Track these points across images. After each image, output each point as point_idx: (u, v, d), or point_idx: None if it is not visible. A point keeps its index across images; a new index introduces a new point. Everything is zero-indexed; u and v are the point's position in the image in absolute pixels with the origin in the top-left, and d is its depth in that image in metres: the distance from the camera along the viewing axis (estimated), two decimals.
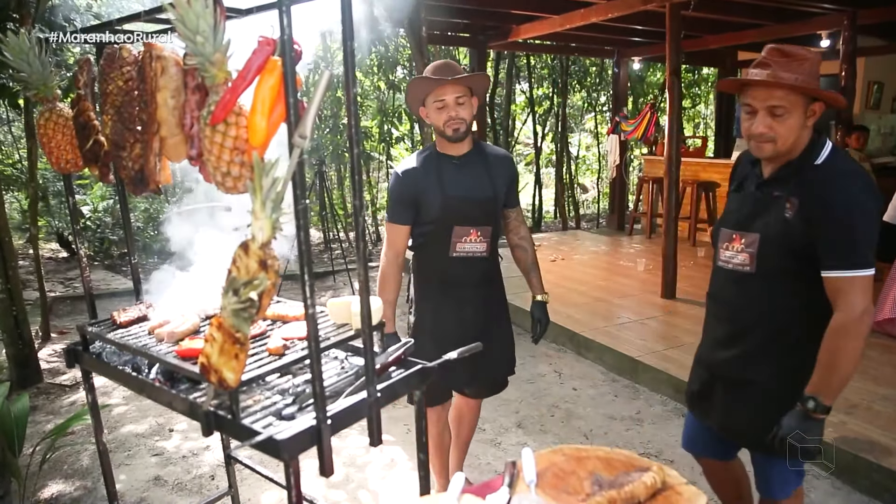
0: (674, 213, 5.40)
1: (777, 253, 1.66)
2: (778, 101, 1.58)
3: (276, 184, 1.18)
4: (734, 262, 1.77)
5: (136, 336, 1.75)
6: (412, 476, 2.89)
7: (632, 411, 3.67)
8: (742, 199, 1.80)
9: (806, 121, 1.62)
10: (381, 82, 10.13)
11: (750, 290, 1.74)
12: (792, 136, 1.61)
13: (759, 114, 1.62)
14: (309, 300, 1.21)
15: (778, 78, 1.57)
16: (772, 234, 1.66)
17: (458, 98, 2.18)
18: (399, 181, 2.27)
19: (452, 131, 2.19)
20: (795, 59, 1.58)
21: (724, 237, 1.82)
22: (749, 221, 1.73)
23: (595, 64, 12.04)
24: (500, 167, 2.34)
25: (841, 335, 1.56)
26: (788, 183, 1.65)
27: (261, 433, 1.31)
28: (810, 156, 1.64)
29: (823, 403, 1.57)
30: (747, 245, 1.72)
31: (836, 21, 5.84)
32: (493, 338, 2.35)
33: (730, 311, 1.82)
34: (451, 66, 2.23)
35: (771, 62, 1.60)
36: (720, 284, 1.86)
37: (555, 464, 1.37)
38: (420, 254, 2.37)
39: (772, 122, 1.60)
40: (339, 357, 1.80)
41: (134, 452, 3.24)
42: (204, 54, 1.25)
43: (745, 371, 1.78)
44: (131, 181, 1.65)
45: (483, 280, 2.35)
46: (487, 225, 2.28)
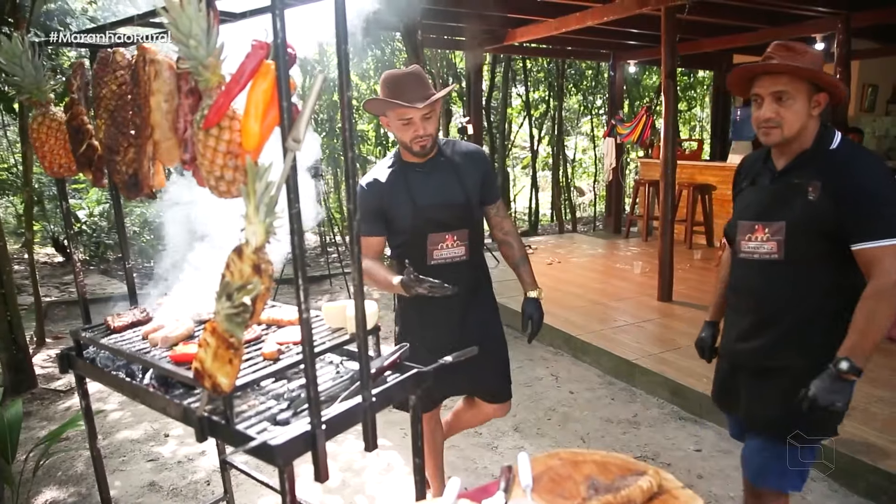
0: (670, 216, 5.40)
1: (805, 237, 1.71)
2: (783, 87, 1.67)
3: (269, 188, 1.17)
4: (760, 252, 1.80)
5: (130, 341, 1.75)
6: (409, 481, 2.88)
7: (629, 414, 3.67)
8: (759, 193, 1.84)
9: (811, 110, 1.70)
10: (377, 86, 10.14)
11: (778, 278, 1.77)
12: (797, 123, 1.69)
13: (765, 101, 1.71)
14: (303, 304, 1.20)
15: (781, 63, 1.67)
16: (798, 220, 1.70)
17: (426, 114, 2.07)
18: (364, 194, 2.19)
19: (420, 147, 2.10)
20: (797, 52, 1.69)
21: (744, 230, 1.84)
22: (771, 211, 1.77)
23: (591, 67, 12.07)
24: (470, 166, 2.24)
25: (877, 299, 1.61)
26: (806, 169, 1.71)
27: (255, 439, 1.31)
28: (823, 143, 1.73)
29: (857, 365, 1.60)
30: (773, 234, 1.76)
31: (831, 24, 5.87)
32: (489, 339, 2.29)
33: (756, 301, 1.84)
34: (417, 77, 2.08)
35: (775, 55, 1.70)
36: (743, 276, 1.88)
37: (551, 468, 1.37)
38: (399, 265, 2.27)
39: (778, 108, 1.69)
40: (334, 361, 1.79)
41: (129, 458, 3.22)
42: (197, 58, 1.25)
43: (773, 359, 1.81)
44: (125, 185, 1.64)
45: (468, 284, 2.25)
46: (463, 228, 2.20)
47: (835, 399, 1.61)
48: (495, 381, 2.38)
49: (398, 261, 2.28)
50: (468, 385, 2.37)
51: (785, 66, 1.67)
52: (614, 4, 5.52)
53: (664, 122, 5.36)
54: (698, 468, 3.05)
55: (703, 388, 3.62)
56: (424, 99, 2.03)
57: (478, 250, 2.30)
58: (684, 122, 14.25)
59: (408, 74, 2.09)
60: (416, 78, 2.08)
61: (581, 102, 13.14)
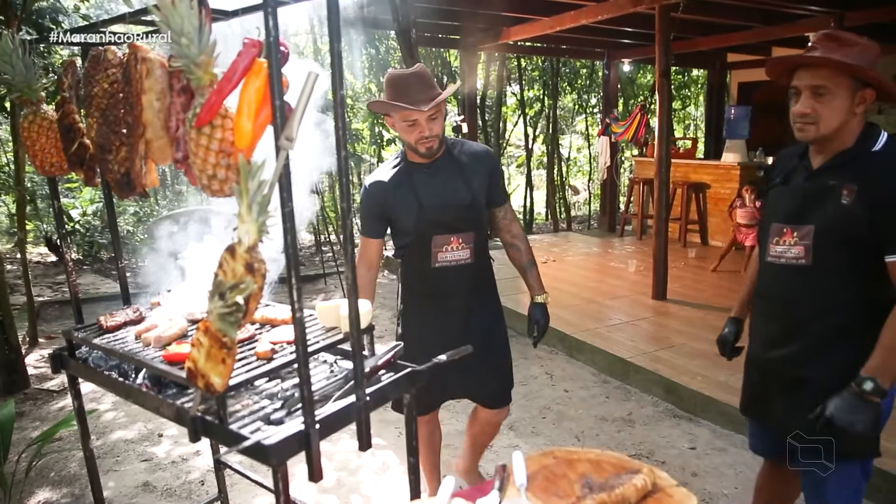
0: (664, 215, 5.41)
1: (834, 243, 1.61)
2: (822, 81, 1.55)
3: (262, 187, 1.17)
4: (787, 257, 1.70)
5: (123, 341, 1.74)
6: (404, 480, 2.88)
7: (623, 412, 3.68)
8: (791, 192, 1.74)
9: (854, 107, 1.58)
10: (371, 84, 10.12)
11: (806, 284, 1.67)
12: (835, 120, 1.58)
13: (802, 94, 1.59)
14: (296, 304, 1.20)
15: (822, 56, 1.54)
16: (828, 224, 1.61)
17: (432, 115, 2.02)
18: (367, 194, 2.19)
19: (426, 149, 2.07)
20: (845, 43, 1.55)
21: (773, 232, 1.75)
22: (801, 213, 1.67)
23: (585, 66, 12.08)
24: (477, 166, 2.19)
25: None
26: (844, 171, 1.60)
27: (248, 438, 1.30)
28: (866, 143, 1.61)
29: (882, 386, 1.50)
30: (801, 238, 1.66)
31: (824, 23, 5.88)
32: (490, 343, 2.26)
33: (783, 308, 1.74)
34: (422, 78, 2.05)
35: (819, 46, 1.58)
36: (771, 281, 1.79)
37: (545, 467, 1.37)
38: (404, 265, 2.29)
39: (814, 104, 1.57)
40: (328, 361, 1.79)
41: (123, 458, 3.21)
42: (189, 56, 1.24)
43: (802, 368, 1.71)
44: (117, 184, 1.63)
45: (472, 288, 2.22)
46: (469, 231, 2.16)
47: (854, 421, 1.50)
48: (494, 386, 2.33)
49: (402, 262, 2.27)
50: (467, 389, 2.33)
51: (824, 60, 1.54)
52: (608, 3, 5.53)
53: (658, 120, 5.37)
54: (693, 466, 3.06)
55: (698, 385, 3.63)
56: (429, 100, 2.00)
57: (483, 253, 2.26)
58: (678, 120, 14.29)
59: (412, 75, 2.05)
60: (420, 78, 2.04)
61: (576, 101, 13.15)
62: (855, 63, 1.53)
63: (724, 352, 2.06)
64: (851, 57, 1.53)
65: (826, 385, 1.63)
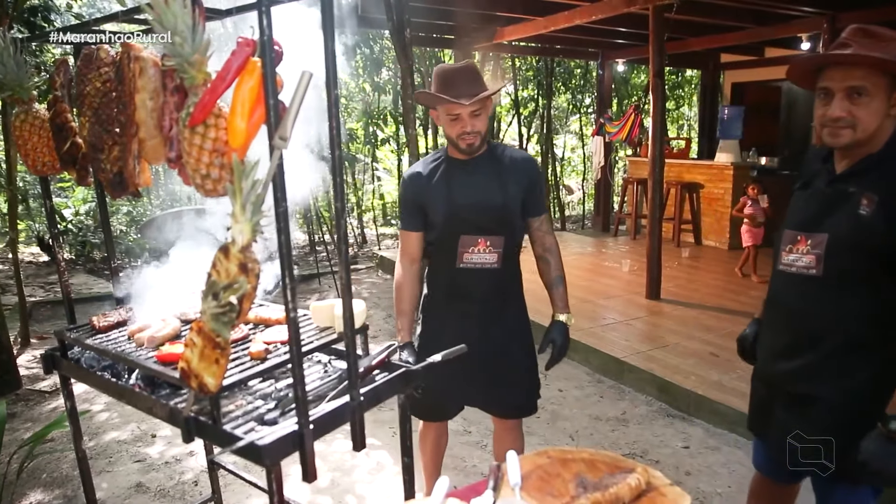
0: (658, 214, 5.43)
1: (848, 254, 1.50)
2: (859, 82, 1.43)
3: (255, 186, 1.17)
4: (798, 266, 1.60)
5: (116, 341, 1.73)
6: (398, 480, 2.88)
7: (617, 412, 3.68)
8: (809, 198, 1.64)
9: (890, 108, 1.46)
10: (366, 84, 10.11)
11: (816, 296, 1.57)
12: (874, 123, 1.46)
13: (836, 97, 1.46)
14: (290, 304, 1.19)
15: (860, 54, 1.43)
16: (843, 234, 1.51)
17: (475, 111, 2.00)
18: (404, 186, 2.19)
19: (466, 145, 2.04)
20: (881, 39, 1.43)
21: (787, 239, 1.65)
22: (816, 221, 1.57)
23: (580, 66, 12.10)
24: (517, 172, 2.12)
25: None
26: (866, 178, 1.50)
27: (242, 439, 1.30)
28: (894, 149, 1.50)
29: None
30: (813, 246, 1.56)
31: (816, 24, 5.91)
32: (509, 354, 2.19)
33: (792, 319, 1.65)
34: (469, 73, 2.02)
35: (852, 42, 1.45)
36: (781, 290, 1.69)
37: (540, 466, 1.37)
38: (431, 263, 2.25)
39: (850, 106, 1.45)
40: (322, 360, 1.78)
41: (116, 459, 3.20)
42: (182, 55, 1.24)
43: (809, 385, 1.60)
44: (110, 184, 1.63)
45: (495, 294, 2.15)
46: (498, 235, 2.09)
47: (888, 464, 1.38)
48: (507, 398, 2.25)
49: (430, 260, 2.24)
50: (481, 398, 2.26)
51: (864, 58, 1.40)
52: (602, 3, 5.54)
53: (652, 120, 5.38)
54: (686, 465, 3.07)
55: (691, 385, 3.64)
56: (472, 96, 1.97)
57: (512, 261, 2.18)
58: (672, 120, 14.32)
59: (459, 69, 2.03)
60: (467, 73, 2.02)
61: (570, 101, 13.16)
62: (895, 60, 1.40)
63: (744, 352, 1.91)
64: (890, 53, 1.40)
65: (835, 404, 1.55)
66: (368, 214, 10.60)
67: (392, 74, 9.95)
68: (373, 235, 9.95)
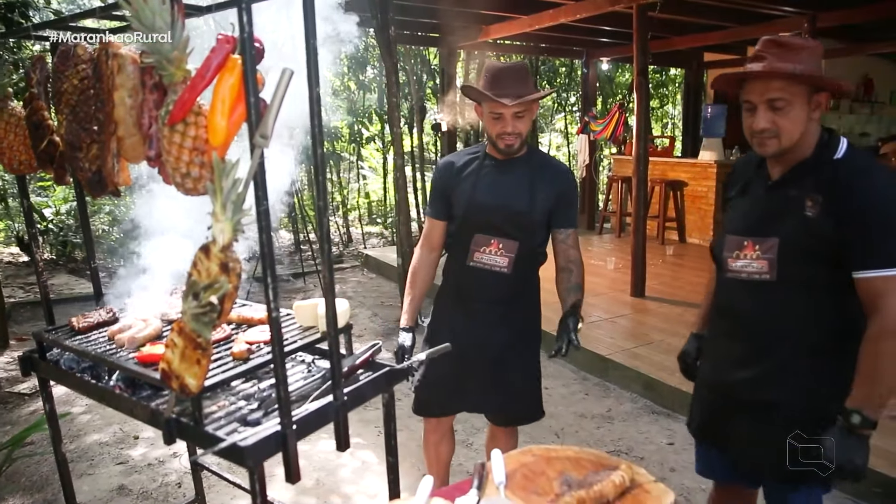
0: (642, 212, 5.46)
1: (800, 257, 1.50)
2: (777, 94, 1.47)
3: (236, 185, 1.15)
4: (749, 271, 1.59)
5: (96, 342, 1.71)
6: (384, 480, 2.87)
7: (602, 409, 3.70)
8: (751, 204, 1.64)
9: (811, 113, 1.50)
10: (351, 82, 10.07)
11: (771, 301, 1.56)
12: (797, 130, 1.50)
13: (758, 109, 1.50)
14: (272, 303, 1.18)
15: (774, 68, 1.46)
16: (793, 237, 1.51)
17: (518, 112, 1.97)
18: (437, 172, 2.21)
19: (505, 145, 2.01)
20: (792, 48, 1.47)
21: (732, 245, 1.64)
22: (763, 226, 1.57)
23: (564, 64, 12.14)
24: (549, 181, 2.08)
25: (881, 340, 1.41)
26: (805, 181, 1.52)
27: (224, 440, 1.29)
28: (826, 151, 1.53)
29: (870, 417, 1.40)
30: (764, 251, 1.56)
31: (797, 24, 5.97)
32: (509, 362, 2.16)
33: (748, 326, 1.63)
34: (518, 73, 1.99)
35: (766, 54, 1.50)
36: (731, 297, 1.67)
37: (524, 465, 1.37)
38: (447, 257, 2.23)
39: (773, 117, 1.49)
40: (306, 360, 1.77)
41: (97, 462, 3.16)
42: (161, 52, 1.22)
43: (768, 392, 1.59)
44: (89, 183, 1.60)
45: (503, 298, 2.12)
46: (513, 239, 2.05)
47: (852, 457, 1.40)
48: (507, 406, 2.22)
49: (448, 254, 2.23)
50: (478, 402, 2.23)
51: (778, 72, 1.45)
52: (587, 2, 5.56)
53: (636, 118, 5.41)
54: (671, 461, 3.09)
55: (676, 382, 3.66)
56: (517, 97, 1.93)
57: (525, 268, 2.12)
58: (656, 119, 14.42)
59: (507, 69, 2.00)
60: (515, 73, 1.98)
61: (554, 99, 13.20)
62: (808, 71, 1.46)
63: (687, 372, 1.91)
64: (802, 63, 1.46)
65: (795, 409, 1.55)
66: (354, 213, 10.56)
67: (377, 73, 9.91)
68: (358, 234, 9.92)
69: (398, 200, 5.58)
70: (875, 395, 1.42)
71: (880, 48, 8.05)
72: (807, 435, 1.51)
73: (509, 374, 2.16)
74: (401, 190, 5.48)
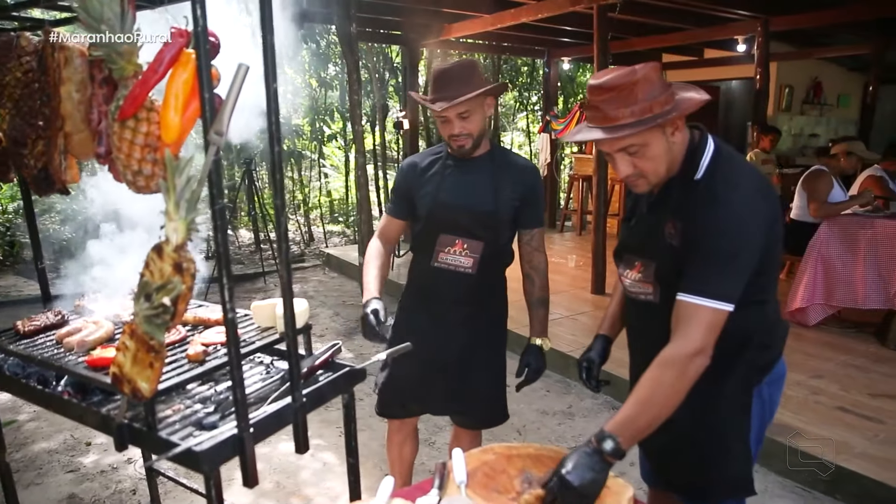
0: (603, 210, 5.54)
1: (675, 282, 1.39)
2: (626, 143, 1.36)
3: (190, 183, 1.12)
4: (636, 292, 1.56)
5: (43, 346, 1.64)
6: (346, 481, 2.84)
7: (564, 406, 3.74)
8: (637, 221, 1.59)
9: (670, 139, 1.38)
10: (312, 80, 9.94)
11: (659, 322, 1.45)
12: (662, 165, 1.40)
13: (615, 157, 1.40)
14: (228, 304, 1.16)
15: (610, 122, 1.34)
16: (665, 262, 1.45)
17: (462, 113, 1.90)
18: (399, 173, 2.16)
19: (457, 147, 1.96)
20: (623, 89, 1.33)
21: (625, 262, 1.60)
22: (645, 247, 1.52)
23: (526, 64, 12.23)
24: (514, 180, 2.03)
25: (667, 367, 1.32)
26: (669, 204, 1.44)
27: (178, 445, 1.25)
28: (689, 170, 1.42)
29: (622, 448, 1.28)
30: (646, 274, 1.51)
31: (751, 27, 6.14)
32: (473, 364, 2.14)
33: (645, 345, 1.57)
34: (460, 72, 1.91)
35: (598, 104, 1.36)
36: (633, 314, 1.65)
37: (485, 463, 1.37)
38: (412, 258, 2.19)
39: (632, 160, 1.38)
40: (264, 361, 1.74)
41: (46, 470, 3.04)
42: (110, 45, 1.18)
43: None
44: (35, 181, 1.54)
45: (467, 299, 2.09)
46: (478, 239, 2.02)
47: (590, 480, 1.24)
48: (471, 409, 2.21)
49: (412, 254, 2.19)
50: (442, 404, 2.22)
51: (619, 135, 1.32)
52: (548, 2, 5.60)
53: None
54: (631, 456, 3.09)
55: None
56: (452, 99, 1.86)
57: (490, 269, 2.09)
58: None
59: (449, 70, 1.93)
60: (457, 74, 1.91)
61: (517, 98, 13.29)
62: (645, 111, 1.32)
63: (589, 381, 1.76)
64: (639, 100, 1.32)
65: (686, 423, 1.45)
66: (315, 212, 10.44)
67: (339, 70, 9.81)
68: (320, 233, 9.81)
69: (360, 199, 5.54)
70: (635, 425, 1.31)
71: (828, 52, 8.35)
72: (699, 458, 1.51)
73: (474, 376, 2.15)
74: (362, 188, 5.44)
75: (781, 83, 8.63)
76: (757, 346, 1.49)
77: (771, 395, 1.57)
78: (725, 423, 1.50)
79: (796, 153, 8.78)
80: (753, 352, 1.48)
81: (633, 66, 1.37)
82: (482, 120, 1.96)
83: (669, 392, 1.31)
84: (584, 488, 1.22)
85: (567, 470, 1.24)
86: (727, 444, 1.51)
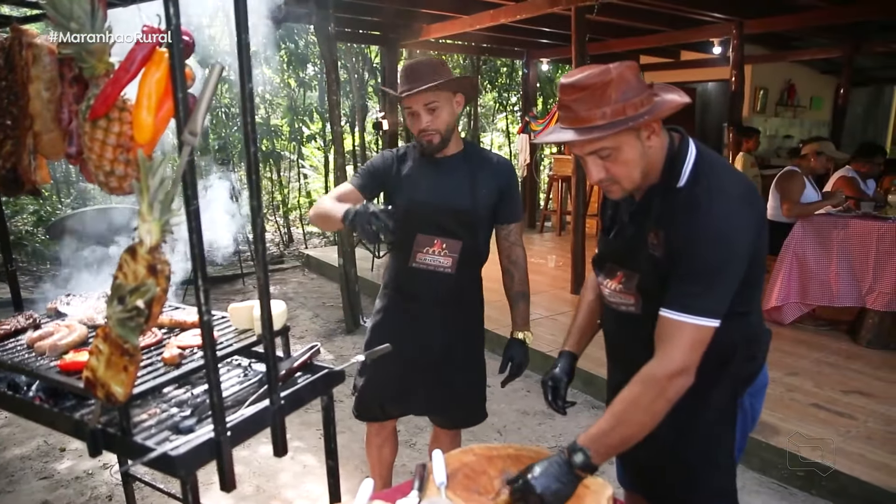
0: (582, 211, 5.57)
1: (658, 294, 1.34)
2: (597, 146, 1.30)
3: (164, 184, 1.11)
4: (616, 302, 1.50)
5: (13, 350, 1.61)
6: (326, 483, 2.82)
7: (544, 406, 3.70)
8: (618, 229, 1.52)
9: (644, 143, 1.32)
10: (291, 80, 9.87)
11: (641, 334, 1.40)
12: (636, 171, 1.33)
13: (587, 161, 1.34)
14: (204, 306, 1.14)
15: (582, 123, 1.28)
16: (649, 274, 1.39)
17: (429, 105, 1.90)
18: (379, 156, 2.10)
19: (427, 142, 1.95)
20: (593, 90, 1.26)
21: (605, 271, 1.55)
22: (627, 258, 1.45)
23: (506, 65, 12.27)
24: (490, 176, 2.03)
25: (646, 385, 1.28)
26: (650, 214, 1.38)
27: (154, 450, 1.23)
28: (670, 177, 1.36)
29: (593, 462, 1.25)
30: (627, 284, 1.45)
31: (726, 30, 6.23)
32: (452, 364, 2.12)
33: (624, 355, 1.56)
34: (426, 67, 1.92)
35: (570, 103, 1.29)
36: (611, 323, 1.60)
37: (465, 464, 1.37)
38: (390, 257, 2.16)
39: (604, 164, 1.32)
40: (242, 364, 1.72)
41: (18, 478, 2.98)
42: (80, 43, 1.16)
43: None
44: (3, 181, 1.51)
45: (446, 299, 2.07)
46: (457, 238, 2.01)
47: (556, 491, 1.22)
48: (451, 409, 2.22)
49: (389, 253, 2.17)
50: (422, 405, 2.21)
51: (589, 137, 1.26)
52: (526, 3, 5.62)
53: None
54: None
55: None
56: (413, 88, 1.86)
57: (469, 268, 2.09)
58: None
59: (419, 64, 1.94)
60: (426, 68, 1.92)
61: (496, 99, 13.32)
62: (619, 113, 1.25)
63: (556, 401, 1.65)
64: (613, 101, 1.25)
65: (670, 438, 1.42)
66: (295, 213, 10.36)
67: (318, 70, 9.75)
68: (299, 234, 9.74)
69: None
70: (608, 440, 1.29)
71: (802, 55, 8.50)
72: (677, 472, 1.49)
73: (453, 376, 2.14)
74: None
75: (756, 85, 8.76)
76: (742, 359, 1.44)
77: (753, 406, 1.55)
78: (711, 438, 1.47)
79: (771, 154, 8.92)
80: (738, 364, 1.44)
81: (608, 65, 1.29)
82: (451, 116, 1.95)
83: (646, 412, 1.27)
84: (546, 497, 1.20)
85: (534, 475, 1.22)
86: (714, 458, 1.48)
